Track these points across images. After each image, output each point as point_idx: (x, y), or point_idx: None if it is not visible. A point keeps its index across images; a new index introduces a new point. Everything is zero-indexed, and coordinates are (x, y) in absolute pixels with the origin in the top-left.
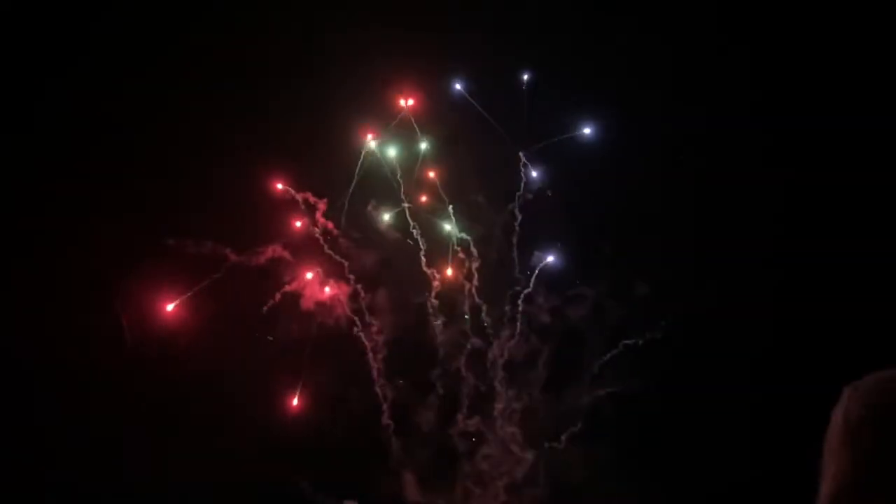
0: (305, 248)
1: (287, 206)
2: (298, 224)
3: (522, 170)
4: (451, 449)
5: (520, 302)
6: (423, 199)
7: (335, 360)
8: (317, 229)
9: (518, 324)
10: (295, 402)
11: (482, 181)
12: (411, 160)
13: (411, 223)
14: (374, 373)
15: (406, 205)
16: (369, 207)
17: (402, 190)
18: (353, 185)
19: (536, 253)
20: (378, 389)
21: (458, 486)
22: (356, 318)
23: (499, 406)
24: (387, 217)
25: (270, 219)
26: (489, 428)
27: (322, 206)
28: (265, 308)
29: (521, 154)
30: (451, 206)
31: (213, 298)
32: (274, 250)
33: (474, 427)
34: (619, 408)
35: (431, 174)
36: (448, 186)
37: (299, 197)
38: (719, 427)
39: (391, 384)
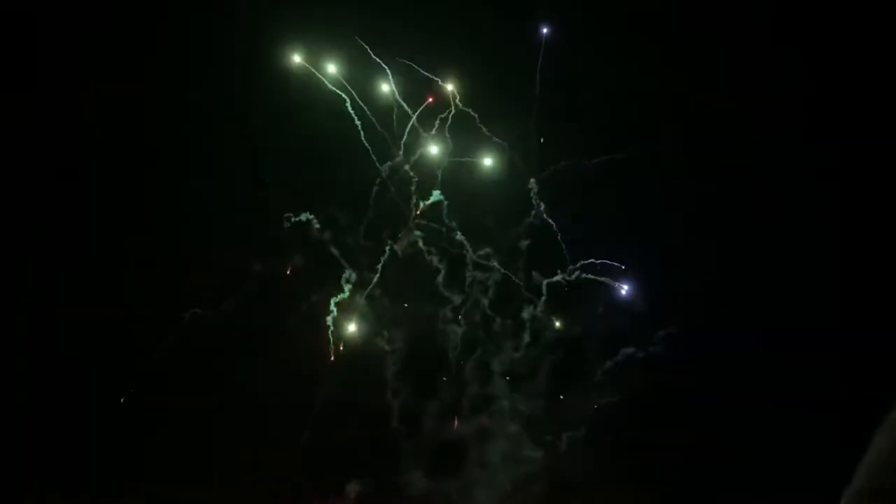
0: (326, 263)
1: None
2: (288, 272)
3: (534, 197)
4: (458, 444)
5: (525, 315)
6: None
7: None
8: (335, 250)
9: (525, 334)
10: None
11: (492, 205)
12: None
13: (425, 249)
14: (389, 375)
15: (418, 233)
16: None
17: (414, 216)
18: (370, 209)
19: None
20: (390, 392)
21: (465, 474)
22: (379, 328)
23: (504, 406)
24: (352, 328)
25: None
26: (494, 425)
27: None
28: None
29: (532, 180)
30: (459, 233)
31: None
32: (296, 263)
33: (480, 424)
34: (619, 413)
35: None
36: (459, 209)
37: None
38: (718, 433)
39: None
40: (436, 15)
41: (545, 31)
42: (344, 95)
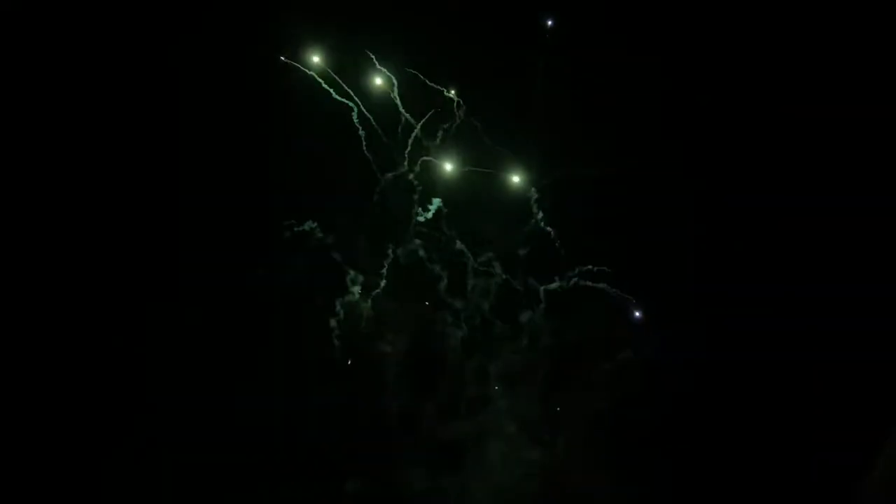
0: (328, 268)
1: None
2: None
3: (535, 205)
4: (457, 444)
5: (524, 319)
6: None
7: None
8: (337, 255)
9: (522, 338)
10: None
11: (492, 213)
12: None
13: (426, 256)
14: (389, 376)
15: (419, 241)
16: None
17: (415, 224)
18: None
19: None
20: (390, 393)
21: (463, 474)
22: (381, 331)
23: (501, 406)
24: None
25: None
26: (491, 426)
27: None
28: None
29: (533, 189)
30: (458, 241)
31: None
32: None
33: (476, 425)
34: (616, 415)
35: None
36: (459, 218)
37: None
38: (716, 434)
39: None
40: (441, 24)
41: (549, 23)
42: (350, 104)
